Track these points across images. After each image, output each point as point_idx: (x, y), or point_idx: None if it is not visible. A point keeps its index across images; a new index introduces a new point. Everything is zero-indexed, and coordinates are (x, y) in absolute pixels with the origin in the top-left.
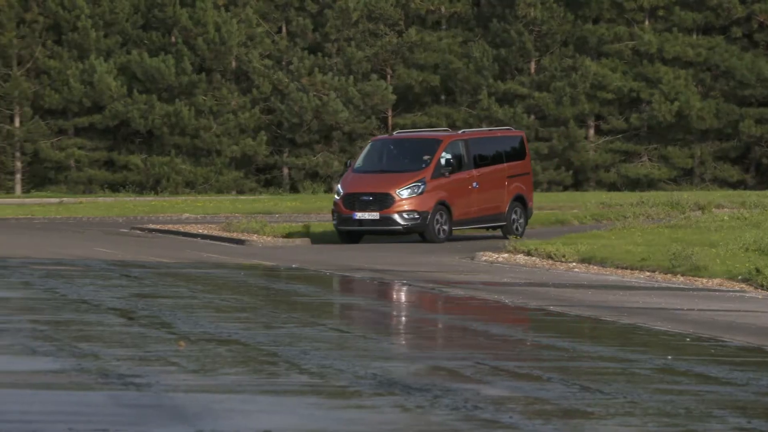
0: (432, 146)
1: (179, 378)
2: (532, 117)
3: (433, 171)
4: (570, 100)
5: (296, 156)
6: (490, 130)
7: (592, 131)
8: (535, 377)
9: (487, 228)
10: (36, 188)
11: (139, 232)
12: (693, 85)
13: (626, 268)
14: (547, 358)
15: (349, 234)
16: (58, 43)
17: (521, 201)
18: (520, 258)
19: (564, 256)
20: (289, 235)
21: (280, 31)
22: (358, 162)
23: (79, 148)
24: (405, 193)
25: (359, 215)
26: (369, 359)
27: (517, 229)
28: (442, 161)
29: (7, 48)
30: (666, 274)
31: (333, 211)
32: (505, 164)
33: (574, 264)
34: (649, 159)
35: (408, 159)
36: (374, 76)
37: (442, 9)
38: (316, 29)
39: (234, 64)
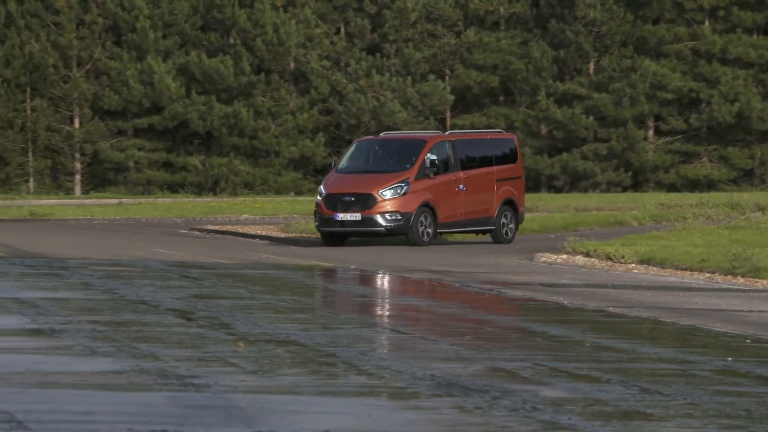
0: (417, 147)
1: (238, 379)
2: (591, 118)
3: (418, 172)
4: (629, 101)
5: None
6: (479, 132)
7: (651, 132)
8: (594, 378)
9: (476, 232)
10: (95, 189)
11: (197, 233)
12: (753, 85)
13: (686, 270)
14: (606, 359)
15: (330, 236)
16: (117, 44)
17: (512, 205)
18: (579, 259)
19: (623, 257)
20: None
21: (338, 31)
22: (342, 163)
23: (138, 149)
24: (388, 193)
25: (341, 216)
26: (427, 360)
27: (506, 234)
28: (427, 162)
29: (67, 49)
30: (726, 275)
31: (315, 212)
32: (495, 167)
33: (633, 265)
34: (709, 160)
35: (393, 160)
36: (432, 76)
37: (501, 9)
38: (374, 30)
39: (292, 65)
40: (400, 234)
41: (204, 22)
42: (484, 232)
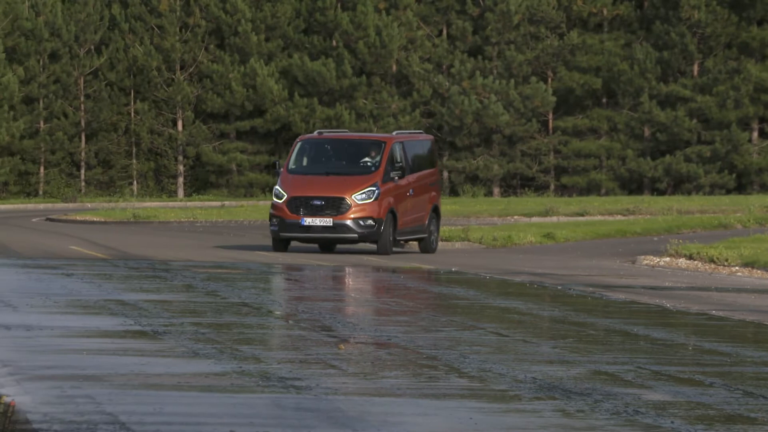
0: (375, 148)
1: (339, 381)
2: (695, 120)
3: (384, 175)
4: (733, 103)
5: (456, 159)
6: (411, 133)
7: (755, 134)
8: (697, 382)
9: (407, 240)
10: (198, 192)
11: None
12: None
13: None
14: (710, 363)
15: (284, 242)
16: (220, 47)
17: (437, 212)
18: (682, 262)
19: (727, 260)
20: (448, 239)
21: (440, 34)
22: (292, 163)
23: (241, 151)
24: (359, 198)
25: (308, 221)
26: (528, 363)
27: (432, 243)
28: (391, 165)
29: (170, 52)
30: None
31: (271, 217)
32: (427, 171)
33: (736, 268)
34: None
35: (351, 161)
36: (534, 78)
37: (605, 11)
38: (476, 32)
39: (394, 67)
40: (370, 241)
41: (306, 25)
42: (417, 240)
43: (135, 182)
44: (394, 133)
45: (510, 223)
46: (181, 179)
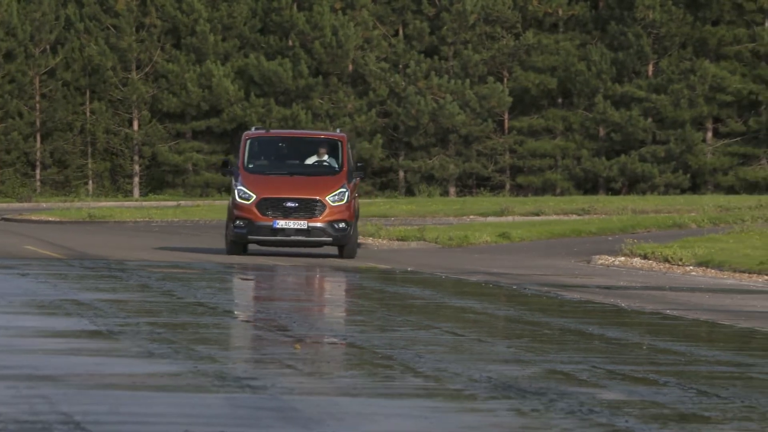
0: (331, 146)
1: (295, 381)
2: (650, 120)
3: (347, 176)
4: (688, 103)
5: (412, 159)
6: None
7: (710, 134)
8: (652, 381)
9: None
10: (153, 191)
11: None
12: None
13: (744, 272)
14: (664, 362)
15: (242, 246)
16: (176, 47)
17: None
18: (637, 261)
19: (681, 260)
20: (404, 239)
21: (396, 34)
22: (247, 161)
23: (197, 151)
24: (333, 200)
25: (281, 224)
26: (484, 362)
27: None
28: (353, 165)
29: (126, 52)
30: None
31: (236, 218)
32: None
33: (691, 267)
34: None
35: (304, 160)
36: (491, 78)
37: (560, 11)
38: (432, 32)
39: (350, 67)
40: (340, 245)
41: (263, 24)
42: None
43: (90, 182)
44: (337, 130)
45: (466, 223)
46: (136, 179)
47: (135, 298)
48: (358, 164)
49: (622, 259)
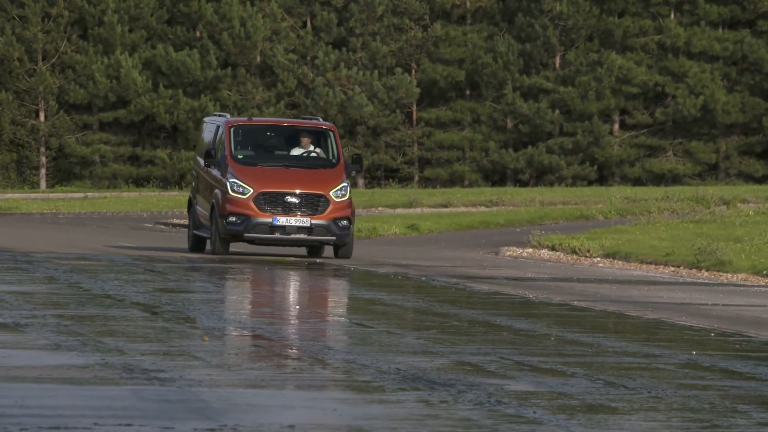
0: (322, 137)
1: (203, 373)
2: (557, 112)
3: (345, 169)
4: (595, 95)
5: None
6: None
7: (616, 126)
8: (559, 372)
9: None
10: (60, 183)
11: (163, 227)
12: (719, 79)
13: (651, 263)
14: (572, 353)
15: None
16: (83, 38)
17: None
18: (545, 253)
19: (588, 251)
20: None
21: (305, 25)
22: (234, 150)
23: (104, 143)
24: (335, 195)
25: (282, 221)
26: (392, 354)
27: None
28: (347, 158)
29: (32, 42)
30: (691, 269)
31: (229, 214)
32: None
33: (598, 259)
34: (674, 154)
35: (288, 150)
36: (399, 70)
37: (467, 3)
38: (340, 24)
39: (259, 58)
40: (340, 245)
41: (170, 15)
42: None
43: None
44: (319, 119)
45: (374, 215)
46: (43, 170)
47: (42, 290)
48: (355, 156)
49: (530, 250)
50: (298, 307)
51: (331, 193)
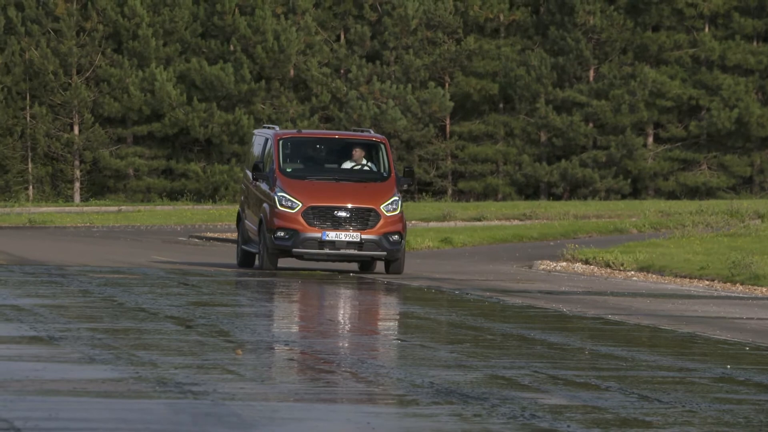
0: (373, 149)
1: (236, 386)
2: (591, 125)
3: (396, 182)
4: (628, 108)
5: None
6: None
7: (650, 139)
8: (594, 386)
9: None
10: (95, 197)
11: (197, 240)
12: (753, 92)
13: (685, 277)
14: (606, 367)
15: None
16: (117, 52)
17: None
18: (578, 266)
19: (622, 265)
20: None
21: (338, 39)
22: (282, 163)
23: (138, 156)
24: (386, 209)
25: (332, 236)
26: (426, 367)
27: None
28: (400, 171)
29: (67, 56)
30: (725, 282)
31: (278, 229)
32: None
33: (632, 273)
34: (708, 167)
35: (339, 163)
36: (432, 83)
37: (501, 17)
38: (374, 37)
39: (292, 72)
40: (391, 260)
41: (204, 29)
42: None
43: (31, 187)
44: (370, 131)
45: (408, 228)
46: (77, 184)
47: (76, 304)
48: (406, 169)
49: (564, 264)
50: (331, 320)
51: (381, 207)
